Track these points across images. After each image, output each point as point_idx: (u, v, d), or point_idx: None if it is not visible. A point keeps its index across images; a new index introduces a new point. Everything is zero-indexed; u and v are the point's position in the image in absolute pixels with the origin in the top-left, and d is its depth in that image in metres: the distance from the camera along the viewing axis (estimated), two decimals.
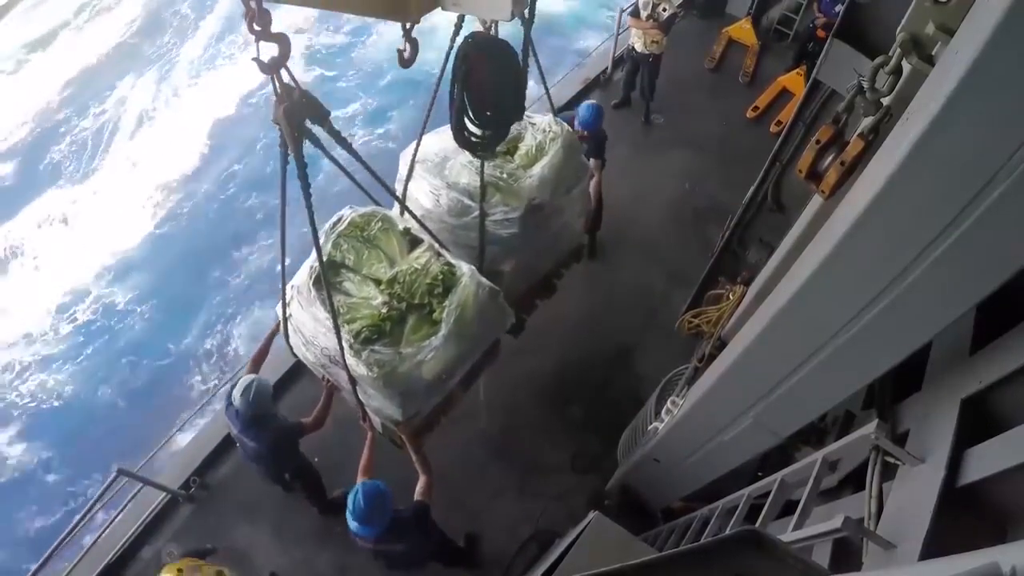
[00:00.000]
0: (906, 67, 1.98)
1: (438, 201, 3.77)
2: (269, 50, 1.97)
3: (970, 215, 1.46)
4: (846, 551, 1.99)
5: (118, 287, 9.86)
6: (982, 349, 2.02)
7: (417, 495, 3.34)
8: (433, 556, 3.76)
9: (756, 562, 0.93)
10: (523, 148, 4.01)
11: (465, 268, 3.40)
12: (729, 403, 2.90)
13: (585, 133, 5.02)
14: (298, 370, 4.89)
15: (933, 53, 1.86)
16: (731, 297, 3.94)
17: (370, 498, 3.01)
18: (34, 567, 3.98)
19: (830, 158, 2.18)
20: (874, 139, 2.03)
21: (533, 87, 3.42)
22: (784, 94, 7.48)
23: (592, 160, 4.95)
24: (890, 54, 2.00)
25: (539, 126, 4.04)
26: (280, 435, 3.66)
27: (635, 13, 6.43)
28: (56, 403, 8.80)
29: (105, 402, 8.68)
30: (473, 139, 2.80)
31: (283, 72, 2.10)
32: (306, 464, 4.25)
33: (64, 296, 9.79)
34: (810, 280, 2.03)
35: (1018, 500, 1.65)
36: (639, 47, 6.60)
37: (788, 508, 2.54)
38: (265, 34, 1.89)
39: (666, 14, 6.27)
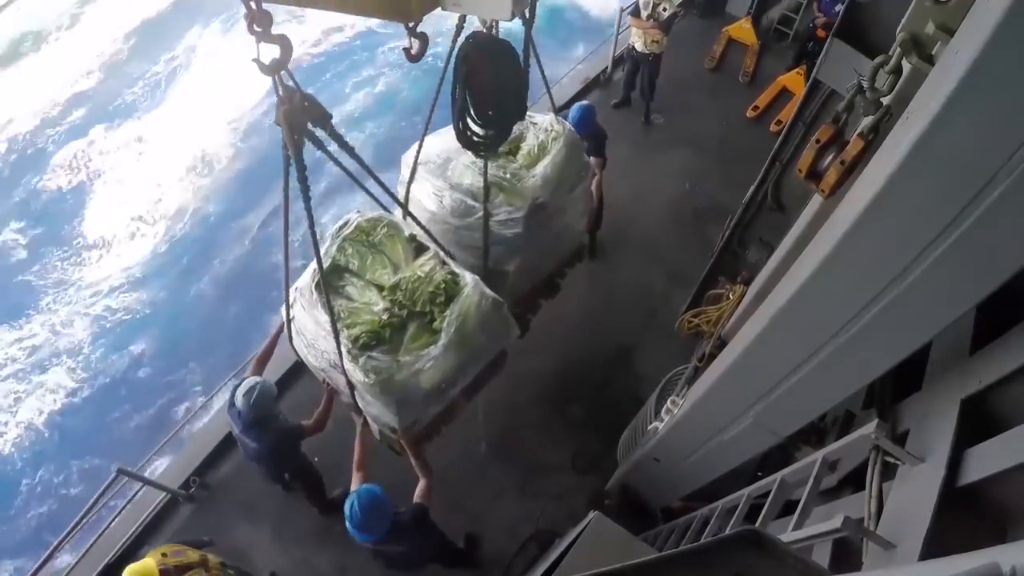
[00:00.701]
0: (906, 67, 1.99)
1: (441, 202, 3.76)
2: (270, 51, 1.97)
3: (970, 215, 1.46)
4: (846, 551, 1.99)
5: (211, 200, 10.37)
6: (982, 349, 2.02)
7: (416, 497, 3.33)
8: (433, 558, 3.75)
9: (756, 562, 0.93)
10: (525, 148, 4.01)
11: (469, 278, 3.36)
12: (729, 403, 2.90)
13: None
14: (299, 370, 4.88)
15: (933, 53, 1.86)
16: (731, 297, 3.95)
17: (367, 507, 2.97)
18: (34, 567, 3.98)
19: (830, 158, 2.18)
20: (874, 139, 2.03)
21: (535, 84, 3.40)
22: (784, 94, 7.47)
23: (593, 159, 4.95)
24: (890, 54, 2.00)
25: (541, 125, 4.03)
26: (281, 437, 3.65)
27: (635, 12, 6.42)
28: (147, 311, 9.24)
29: (195, 298, 9.23)
30: (476, 139, 2.80)
31: (284, 74, 2.10)
32: (306, 464, 4.25)
33: (153, 214, 10.28)
34: (810, 280, 2.03)
35: (1018, 500, 1.65)
36: (639, 47, 6.59)
37: (788, 508, 2.54)
38: (266, 35, 1.89)
39: (666, 14, 6.26)
